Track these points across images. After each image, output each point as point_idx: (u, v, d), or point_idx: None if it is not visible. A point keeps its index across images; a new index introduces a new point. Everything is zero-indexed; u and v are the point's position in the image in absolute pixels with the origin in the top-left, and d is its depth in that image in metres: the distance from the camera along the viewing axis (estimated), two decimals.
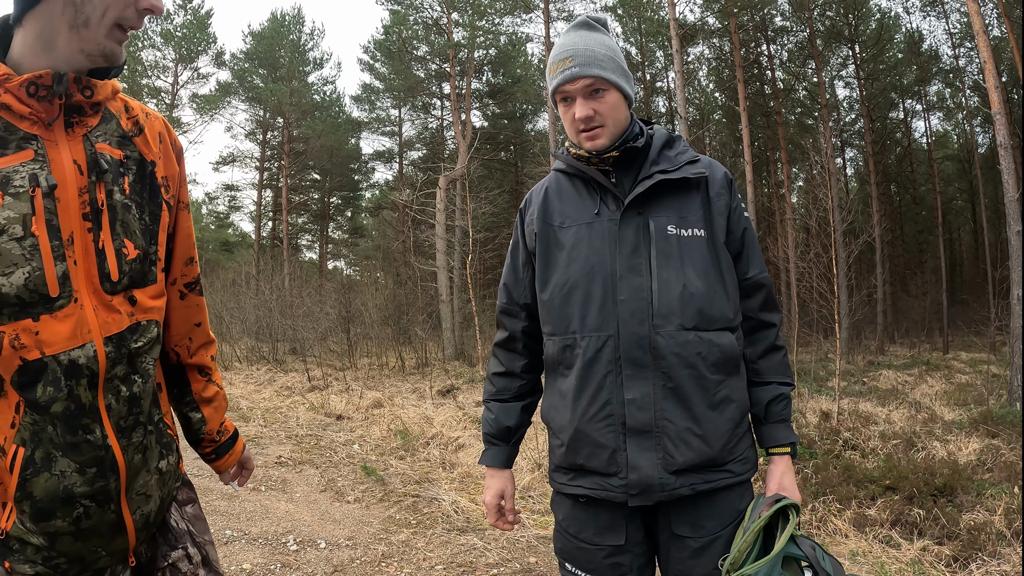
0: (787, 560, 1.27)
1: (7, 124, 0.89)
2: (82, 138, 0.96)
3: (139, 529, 1.06)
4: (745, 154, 17.73)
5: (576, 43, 1.39)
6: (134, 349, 1.01)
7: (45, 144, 0.91)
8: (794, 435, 1.46)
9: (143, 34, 28.31)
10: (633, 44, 25.09)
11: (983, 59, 9.45)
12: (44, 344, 0.90)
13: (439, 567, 3.56)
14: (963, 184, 29.02)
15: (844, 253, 12.93)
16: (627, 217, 1.38)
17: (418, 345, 16.19)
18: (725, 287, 1.39)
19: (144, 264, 1.02)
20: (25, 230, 0.88)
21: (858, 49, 22.06)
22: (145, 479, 1.05)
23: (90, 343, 0.93)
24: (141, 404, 1.03)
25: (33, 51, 0.90)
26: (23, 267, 0.87)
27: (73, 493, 0.95)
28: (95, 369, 0.94)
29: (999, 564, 3.35)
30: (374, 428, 7.49)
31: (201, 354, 1.28)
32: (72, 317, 0.92)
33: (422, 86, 24.46)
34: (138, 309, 1.01)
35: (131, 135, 1.03)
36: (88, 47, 0.92)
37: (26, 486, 0.93)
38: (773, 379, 1.48)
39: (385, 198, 28.83)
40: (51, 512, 0.94)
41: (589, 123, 1.38)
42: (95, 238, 0.95)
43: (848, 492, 4.47)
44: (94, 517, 0.98)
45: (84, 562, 1.01)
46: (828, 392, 9.19)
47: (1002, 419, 6.63)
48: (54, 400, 0.91)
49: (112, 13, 0.91)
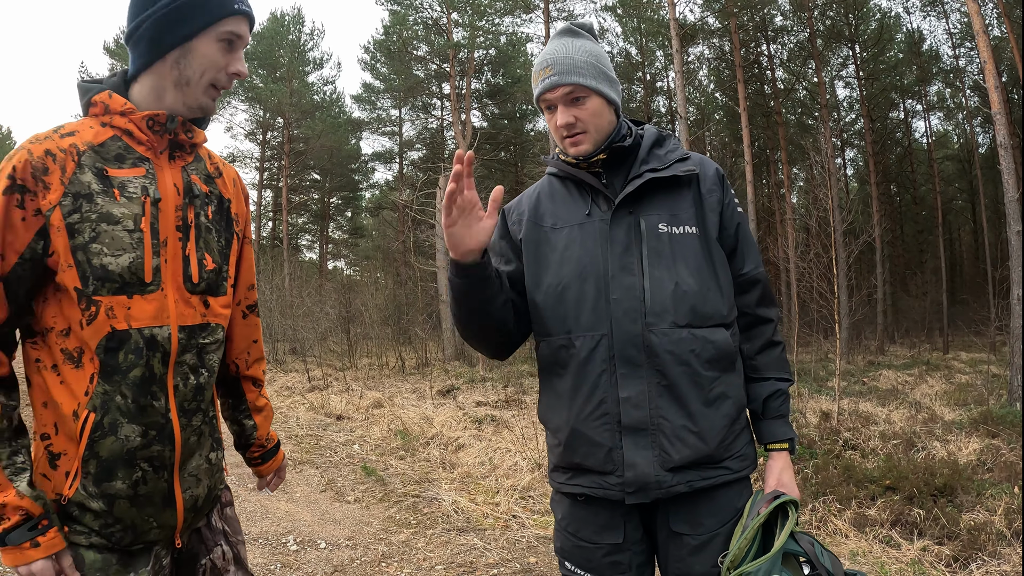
0: (786, 556, 1.27)
1: (127, 146, 1.16)
2: (181, 169, 1.22)
3: (187, 510, 1.21)
4: (745, 154, 17.72)
5: (557, 51, 1.40)
6: (203, 344, 1.21)
7: (154, 167, 1.17)
8: (792, 431, 1.46)
9: None
10: (633, 44, 25.08)
11: (983, 59, 9.45)
12: (132, 318, 1.11)
13: (439, 567, 3.56)
14: (963, 184, 29.03)
15: (844, 253, 12.93)
16: (618, 217, 1.40)
17: (418, 345, 16.20)
18: (719, 284, 1.40)
19: (218, 277, 1.25)
20: (135, 225, 1.12)
21: (858, 49, 22.06)
22: (197, 462, 1.23)
23: (168, 326, 1.14)
24: (203, 394, 1.22)
25: (147, 100, 1.17)
26: (129, 253, 1.10)
27: (134, 456, 1.12)
28: (168, 348, 1.14)
29: (999, 564, 3.35)
30: (374, 428, 7.50)
31: (255, 368, 1.50)
32: (157, 302, 1.13)
33: (422, 86, 24.47)
34: (210, 312, 1.23)
35: (214, 176, 1.30)
36: (188, 101, 1.19)
37: (94, 447, 1.10)
38: (771, 375, 1.48)
39: (385, 198, 28.84)
40: (113, 472, 1.11)
41: (571, 130, 1.40)
42: (183, 247, 1.18)
43: (848, 492, 4.47)
44: (150, 483, 1.14)
45: (136, 531, 1.14)
46: (828, 392, 9.19)
47: (1002, 419, 6.63)
48: (133, 366, 1.11)
49: (207, 76, 1.18)
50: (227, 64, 1.20)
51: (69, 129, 1.13)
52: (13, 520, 1.04)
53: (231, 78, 1.21)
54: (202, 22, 1.14)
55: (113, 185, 1.12)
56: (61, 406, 1.10)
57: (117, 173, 1.13)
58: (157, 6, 1.14)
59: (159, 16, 1.14)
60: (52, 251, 1.07)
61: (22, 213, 1.06)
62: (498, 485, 5.00)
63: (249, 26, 1.23)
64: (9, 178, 1.06)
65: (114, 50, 28.10)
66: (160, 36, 1.14)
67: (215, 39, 1.17)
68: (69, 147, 1.10)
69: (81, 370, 1.10)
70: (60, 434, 1.12)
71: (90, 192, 1.09)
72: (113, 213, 1.10)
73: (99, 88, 1.17)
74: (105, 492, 1.11)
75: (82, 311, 1.09)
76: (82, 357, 1.10)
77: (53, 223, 1.07)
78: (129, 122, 1.14)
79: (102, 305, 1.09)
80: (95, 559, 1.12)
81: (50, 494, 1.12)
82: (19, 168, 1.06)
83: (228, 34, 1.18)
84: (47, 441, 1.13)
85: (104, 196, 1.10)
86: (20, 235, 1.06)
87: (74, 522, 1.11)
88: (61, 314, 1.10)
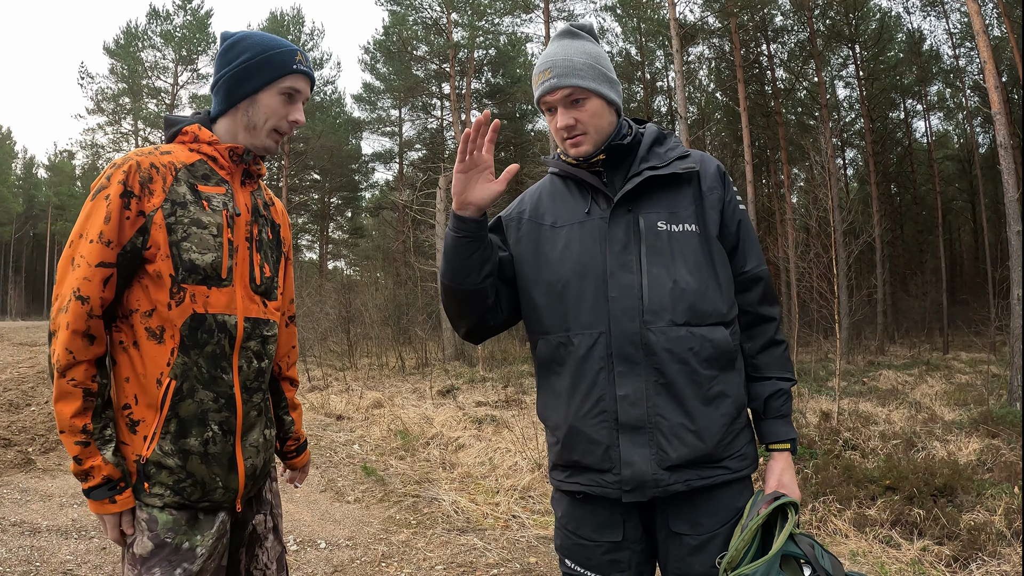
0: (785, 558, 1.26)
1: (211, 169, 1.43)
2: (250, 193, 1.50)
3: (247, 476, 1.44)
4: (745, 154, 17.72)
5: (556, 53, 1.42)
6: (265, 335, 1.48)
7: (232, 188, 1.45)
8: (794, 431, 1.45)
9: (144, 35, 28.32)
10: (633, 44, 25.08)
11: (983, 59, 9.45)
12: (209, 305, 1.37)
13: (439, 567, 3.56)
14: (963, 184, 29.02)
15: (844, 253, 12.93)
16: (617, 215, 1.41)
17: (418, 345, 16.20)
18: (718, 282, 1.39)
19: (272, 284, 1.52)
20: (218, 232, 1.38)
21: (858, 49, 22.06)
22: (256, 436, 1.46)
23: (235, 315, 1.40)
24: (263, 377, 1.48)
25: (224, 138, 1.46)
26: (212, 253, 1.37)
27: (206, 417, 1.36)
28: (234, 334, 1.40)
29: (999, 564, 3.35)
30: (374, 428, 7.50)
31: (292, 370, 1.76)
32: (228, 295, 1.40)
33: (422, 86, 24.47)
34: (268, 310, 1.50)
35: (268, 204, 1.58)
36: (255, 142, 1.47)
37: (175, 408, 1.33)
38: (772, 374, 1.46)
39: (385, 198, 28.82)
40: (188, 430, 1.34)
41: (571, 132, 1.42)
42: (250, 255, 1.46)
43: (848, 492, 4.47)
44: (218, 444, 1.37)
45: (204, 488, 1.35)
46: (828, 392, 9.19)
47: (1002, 419, 6.63)
48: (207, 343, 1.36)
49: (271, 123, 1.45)
50: (287, 113, 1.47)
51: (165, 149, 1.41)
52: (97, 480, 1.29)
53: (291, 125, 1.48)
54: (266, 79, 1.42)
55: (202, 198, 1.39)
56: (144, 378, 1.33)
57: (205, 189, 1.40)
58: (232, 65, 1.42)
59: (233, 73, 1.42)
60: (150, 244, 1.32)
61: (128, 213, 1.31)
62: (498, 485, 5.00)
63: (310, 84, 1.49)
64: (121, 183, 1.31)
65: (114, 50, 28.14)
66: (233, 90, 1.43)
67: (277, 93, 1.44)
68: (168, 163, 1.37)
69: (162, 345, 1.34)
70: (140, 404, 1.34)
71: (184, 201, 1.36)
72: (202, 220, 1.37)
73: (188, 121, 1.46)
74: (181, 448, 1.34)
75: (171, 294, 1.33)
76: (163, 334, 1.34)
77: (155, 222, 1.32)
78: (215, 150, 1.43)
79: (187, 291, 1.34)
80: (167, 520, 1.33)
81: (130, 456, 1.34)
82: (130, 176, 1.32)
83: (288, 89, 1.45)
84: (127, 411, 1.35)
85: (195, 206, 1.37)
86: (126, 231, 1.31)
87: (151, 481, 1.33)
88: (147, 297, 1.34)
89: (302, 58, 1.47)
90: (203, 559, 1.34)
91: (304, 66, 1.46)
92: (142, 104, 28.25)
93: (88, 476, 1.29)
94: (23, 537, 3.79)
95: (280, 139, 1.49)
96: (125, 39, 28.15)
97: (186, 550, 1.32)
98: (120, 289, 1.33)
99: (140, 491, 1.33)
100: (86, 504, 4.59)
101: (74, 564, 3.45)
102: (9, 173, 49.37)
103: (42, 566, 3.41)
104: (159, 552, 1.31)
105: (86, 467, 1.29)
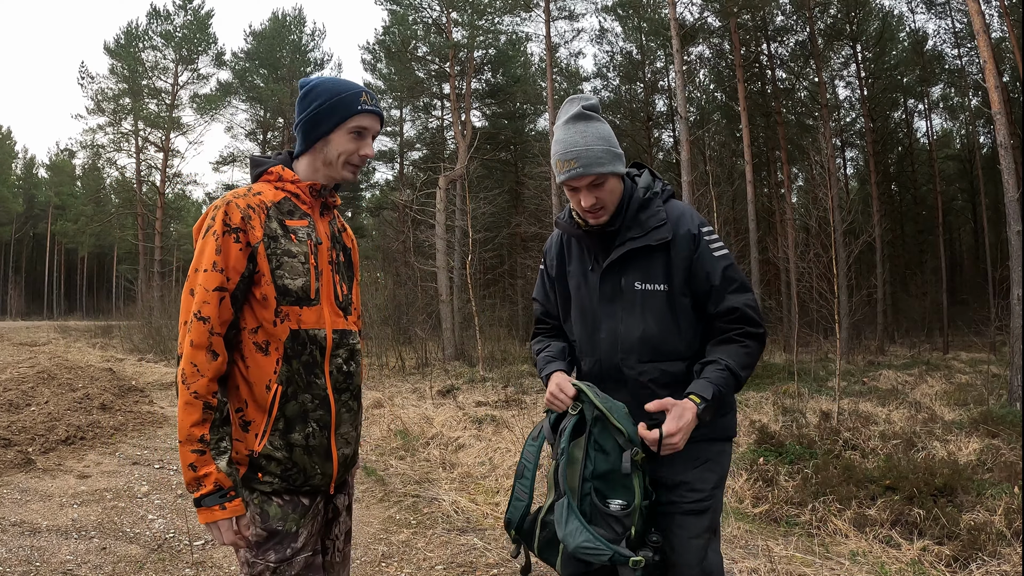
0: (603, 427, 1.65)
1: (295, 204, 1.65)
2: (328, 222, 1.73)
3: (340, 464, 1.66)
4: (745, 154, 17.72)
5: (577, 142, 1.71)
6: (351, 345, 1.70)
7: (314, 219, 1.67)
8: (709, 394, 1.62)
9: (144, 35, 28.33)
10: (633, 43, 25.07)
11: (983, 59, 9.45)
12: (302, 322, 1.58)
13: (439, 567, 3.56)
14: (964, 184, 29.02)
15: (844, 253, 12.93)
16: (606, 276, 1.83)
17: (418, 345, 16.20)
18: (679, 328, 1.78)
19: (349, 300, 1.73)
20: (305, 260, 1.60)
21: (860, 48, 22.04)
22: (346, 429, 1.68)
23: (324, 329, 1.62)
24: (351, 380, 1.69)
25: (306, 173, 1.68)
26: (302, 278, 1.59)
27: (307, 416, 1.58)
28: (324, 344, 1.61)
29: (999, 564, 3.35)
30: (374, 428, 7.50)
31: None
32: (317, 312, 1.61)
33: (422, 86, 24.44)
34: (349, 322, 1.71)
35: (341, 231, 1.82)
36: (332, 175, 1.68)
37: (283, 408, 1.55)
38: (719, 356, 1.69)
39: (385, 198, 28.84)
40: (293, 427, 1.56)
41: (594, 208, 1.75)
42: (332, 277, 1.68)
43: (848, 492, 4.47)
44: (317, 438, 1.59)
45: (306, 475, 1.58)
46: (828, 392, 9.19)
47: (1002, 419, 6.63)
48: (302, 354, 1.58)
49: (343, 158, 1.65)
50: (357, 149, 1.66)
51: (256, 190, 1.62)
52: (208, 487, 1.43)
53: (362, 159, 1.68)
54: (335, 122, 1.62)
55: (290, 231, 1.60)
56: (255, 384, 1.54)
57: (291, 223, 1.62)
58: (307, 112, 1.63)
59: (308, 119, 1.63)
60: (258, 271, 1.54)
61: (239, 246, 1.52)
62: (498, 485, 5.00)
63: (378, 120, 1.67)
64: (224, 223, 1.52)
65: (114, 50, 28.14)
66: (309, 132, 1.64)
67: (346, 132, 1.64)
68: (259, 203, 1.59)
69: (268, 357, 1.55)
70: (250, 407, 1.55)
71: (276, 235, 1.57)
72: (292, 250, 1.59)
73: (272, 162, 1.68)
74: (288, 442, 1.55)
75: (275, 313, 1.55)
76: (268, 347, 1.55)
77: (259, 252, 1.54)
78: (298, 188, 1.65)
79: (283, 311, 1.55)
80: (276, 511, 1.54)
81: (243, 451, 1.53)
82: (232, 216, 1.53)
83: (356, 128, 1.64)
84: (240, 413, 1.55)
85: (285, 239, 1.58)
86: (240, 262, 1.52)
87: (263, 471, 1.53)
88: (254, 316, 1.55)
89: (367, 98, 1.64)
90: (304, 537, 1.58)
91: (369, 105, 1.64)
92: (142, 104, 28.25)
93: (200, 484, 1.43)
94: (23, 537, 3.79)
95: (356, 170, 1.70)
96: (125, 39, 28.16)
97: (292, 533, 1.56)
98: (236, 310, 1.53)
99: (253, 480, 1.53)
100: (86, 504, 4.60)
101: (74, 564, 3.46)
102: (9, 173, 49.40)
103: (42, 566, 3.41)
104: (272, 538, 1.53)
105: (200, 474, 1.43)
